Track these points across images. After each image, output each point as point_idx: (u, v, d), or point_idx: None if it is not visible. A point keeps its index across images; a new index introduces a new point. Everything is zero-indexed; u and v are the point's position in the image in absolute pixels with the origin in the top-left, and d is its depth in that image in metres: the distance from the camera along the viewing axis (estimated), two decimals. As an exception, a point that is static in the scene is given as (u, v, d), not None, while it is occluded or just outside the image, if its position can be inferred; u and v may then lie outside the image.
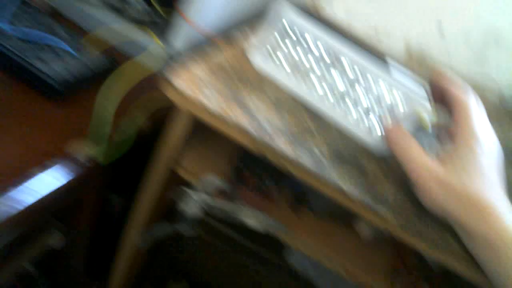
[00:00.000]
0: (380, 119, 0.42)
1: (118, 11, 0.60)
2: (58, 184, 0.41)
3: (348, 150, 0.44)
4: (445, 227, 0.38)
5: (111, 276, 0.67)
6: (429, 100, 0.40)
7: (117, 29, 0.57)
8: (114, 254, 0.66)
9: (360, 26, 0.77)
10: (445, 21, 0.76)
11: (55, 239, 0.62)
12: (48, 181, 0.40)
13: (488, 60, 0.76)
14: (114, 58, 0.54)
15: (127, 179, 0.66)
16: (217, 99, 0.40)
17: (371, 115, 0.42)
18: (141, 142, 0.51)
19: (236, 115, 0.40)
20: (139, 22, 0.60)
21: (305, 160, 0.39)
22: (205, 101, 0.39)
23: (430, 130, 0.42)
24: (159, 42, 0.54)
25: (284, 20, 0.42)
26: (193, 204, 0.52)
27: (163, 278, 0.82)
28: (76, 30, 0.56)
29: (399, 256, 0.54)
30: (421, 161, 0.36)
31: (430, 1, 0.75)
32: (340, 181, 0.39)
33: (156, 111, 0.53)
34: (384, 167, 0.44)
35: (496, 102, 0.77)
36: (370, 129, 0.43)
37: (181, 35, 0.57)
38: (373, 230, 0.52)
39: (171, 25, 0.57)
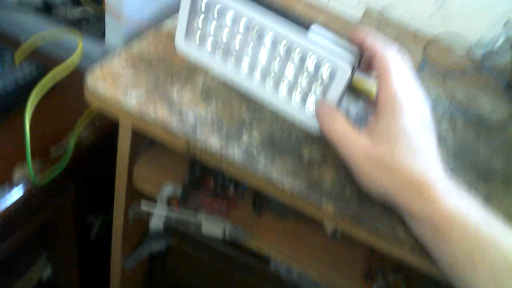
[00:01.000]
0: (307, 93, 0.39)
1: (47, 14, 0.57)
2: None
3: (282, 135, 0.40)
4: (390, 213, 0.34)
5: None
6: (359, 65, 0.36)
7: (45, 34, 0.54)
8: (106, 276, 0.66)
9: None
10: None
11: (42, 269, 0.62)
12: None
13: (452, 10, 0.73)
14: (44, 65, 0.50)
15: (105, 197, 0.65)
16: (137, 97, 0.38)
17: (299, 91, 0.40)
18: (105, 156, 0.50)
19: (159, 113, 0.37)
20: (71, 23, 0.57)
21: (235, 153, 0.36)
22: (123, 101, 0.37)
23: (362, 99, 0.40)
24: (78, 35, 0.50)
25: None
26: (154, 217, 0.50)
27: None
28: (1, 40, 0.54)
29: (374, 254, 0.50)
30: (350, 135, 0.33)
31: None
32: (273, 174, 0.36)
33: (101, 120, 0.51)
34: (321, 150, 0.40)
35: (463, 53, 0.73)
36: (301, 106, 0.40)
37: (114, 31, 0.54)
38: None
39: (103, 21, 0.54)
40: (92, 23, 0.57)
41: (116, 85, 0.38)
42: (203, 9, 0.41)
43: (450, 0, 0.73)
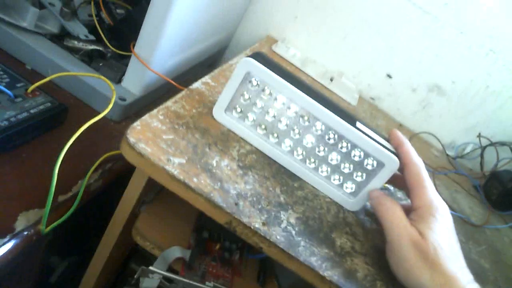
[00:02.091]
0: (347, 179, 0.43)
1: (67, 48, 0.54)
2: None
3: (317, 220, 0.40)
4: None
5: None
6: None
7: (66, 69, 0.50)
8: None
9: (314, 71, 0.79)
10: (393, 74, 0.83)
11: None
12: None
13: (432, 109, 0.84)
14: (63, 104, 0.46)
15: (74, 240, 0.59)
16: (179, 162, 0.36)
17: (338, 176, 0.44)
18: (95, 199, 0.45)
19: (201, 181, 0.36)
20: (89, 62, 0.54)
21: (277, 237, 0.35)
22: (167, 166, 0.35)
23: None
24: (111, 85, 0.47)
25: (252, 76, 0.41)
26: (151, 277, 0.46)
27: None
28: (16, 67, 0.49)
29: None
30: (404, 223, 0.37)
31: (379, 55, 0.81)
32: (312, 260, 0.35)
33: (110, 167, 0.47)
34: (350, 241, 0.40)
35: (439, 152, 0.82)
36: (338, 188, 0.44)
37: (136, 78, 0.52)
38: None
39: (124, 66, 0.53)
40: (109, 62, 0.54)
41: (158, 147, 0.36)
42: (252, 87, 0.41)
43: (432, 104, 0.82)
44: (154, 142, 0.36)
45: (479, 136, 0.79)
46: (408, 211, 0.39)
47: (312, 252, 0.36)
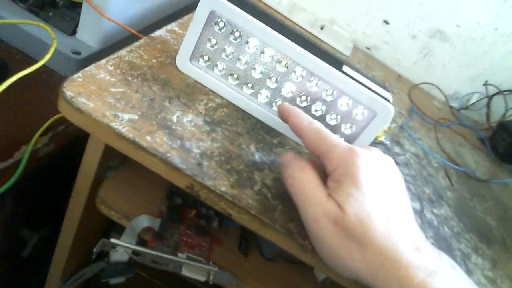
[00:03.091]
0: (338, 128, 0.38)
1: None
2: None
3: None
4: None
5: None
6: None
7: (10, 24, 0.43)
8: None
9: (303, 19, 0.72)
10: (390, 20, 0.75)
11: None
12: None
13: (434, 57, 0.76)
14: (4, 60, 0.40)
15: (44, 211, 0.54)
16: (129, 118, 0.30)
17: (326, 127, 0.35)
18: (55, 166, 0.40)
19: (155, 140, 0.30)
20: (35, 11, 0.46)
21: (249, 201, 0.30)
22: (113, 123, 0.29)
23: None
24: (52, 32, 0.40)
25: (217, 17, 0.34)
26: (119, 249, 0.41)
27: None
28: None
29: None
30: (317, 199, 0.27)
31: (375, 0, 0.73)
32: (291, 226, 0.30)
33: (64, 129, 0.42)
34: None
35: (442, 104, 0.76)
36: None
37: (91, 27, 0.45)
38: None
39: (78, 15, 0.45)
40: (60, 11, 0.47)
41: (103, 101, 0.30)
42: (220, 30, 0.35)
43: (434, 52, 0.75)
44: (98, 96, 0.30)
45: (485, 84, 0.72)
46: None
47: (291, 218, 0.31)
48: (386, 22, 0.75)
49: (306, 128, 0.30)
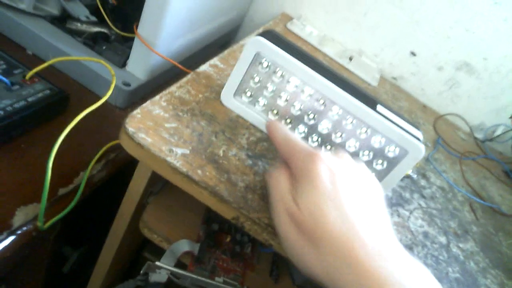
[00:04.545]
0: (370, 164, 0.40)
1: (68, 31, 0.51)
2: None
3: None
4: None
5: None
6: None
7: (67, 54, 0.47)
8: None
9: (332, 50, 0.75)
10: (417, 51, 0.77)
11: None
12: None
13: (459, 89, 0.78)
14: (63, 91, 0.43)
15: (84, 230, 0.58)
16: (182, 152, 0.33)
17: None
18: (100, 189, 0.43)
19: (206, 173, 0.33)
20: (92, 45, 0.51)
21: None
22: (169, 157, 0.32)
23: None
24: (111, 69, 0.44)
25: (262, 57, 0.37)
26: (161, 272, 0.44)
27: None
28: (16, 52, 0.47)
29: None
30: (281, 195, 0.29)
31: (402, 32, 0.76)
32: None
33: (115, 156, 0.45)
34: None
35: (467, 135, 0.77)
36: None
37: (140, 61, 0.49)
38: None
39: (128, 49, 0.49)
40: (112, 45, 0.51)
41: (160, 136, 0.33)
42: (263, 69, 0.38)
43: (460, 83, 0.76)
44: (155, 131, 0.34)
45: (511, 117, 0.73)
46: None
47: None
48: (413, 54, 0.77)
49: (277, 136, 0.33)
